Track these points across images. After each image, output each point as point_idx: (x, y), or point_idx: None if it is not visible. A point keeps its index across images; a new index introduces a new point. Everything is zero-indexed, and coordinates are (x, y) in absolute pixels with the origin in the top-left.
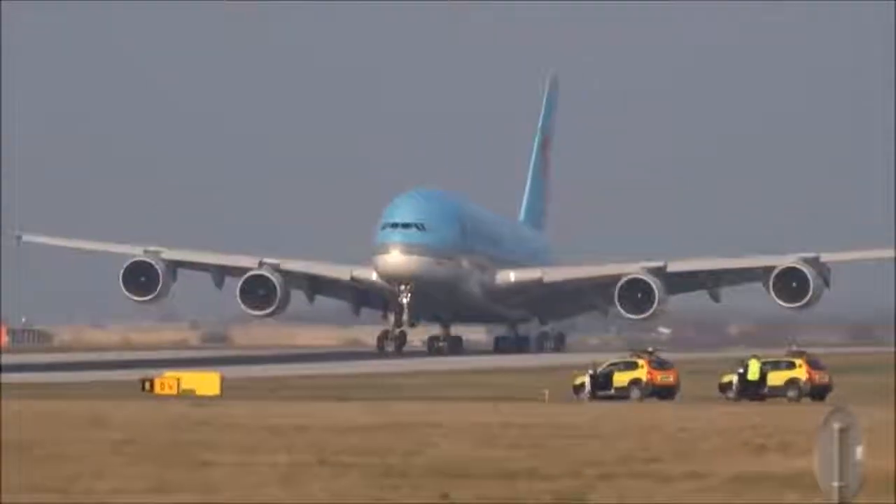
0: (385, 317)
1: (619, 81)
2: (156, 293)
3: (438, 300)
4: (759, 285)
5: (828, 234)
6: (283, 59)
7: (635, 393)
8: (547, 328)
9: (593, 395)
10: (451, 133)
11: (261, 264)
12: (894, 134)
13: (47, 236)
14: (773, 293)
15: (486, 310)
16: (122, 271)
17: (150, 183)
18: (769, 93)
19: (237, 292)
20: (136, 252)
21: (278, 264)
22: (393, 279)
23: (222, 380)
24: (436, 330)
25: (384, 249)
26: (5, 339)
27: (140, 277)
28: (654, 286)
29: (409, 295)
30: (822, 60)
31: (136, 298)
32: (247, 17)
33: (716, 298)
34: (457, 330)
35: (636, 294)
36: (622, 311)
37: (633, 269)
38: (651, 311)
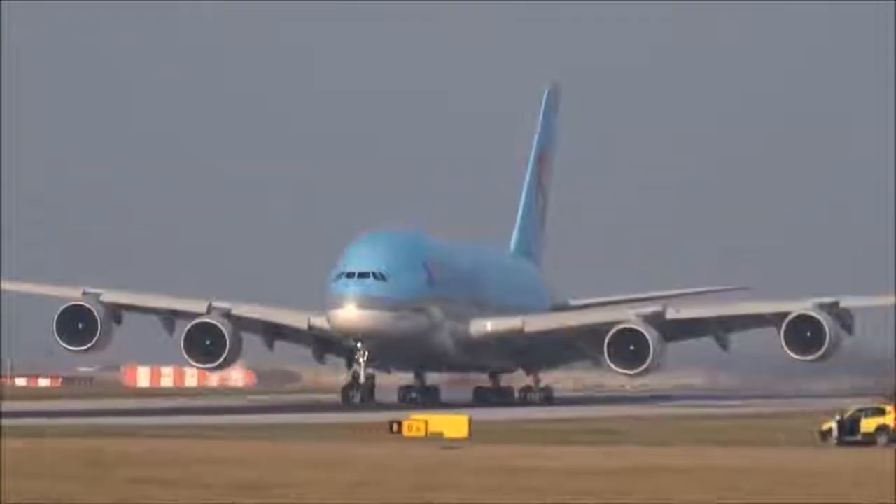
0: (349, 366)
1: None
2: (93, 342)
3: (404, 354)
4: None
5: (851, 276)
6: (238, 91)
7: (882, 439)
8: (531, 382)
9: (840, 441)
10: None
11: (210, 309)
12: None
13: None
14: (784, 343)
15: (460, 362)
16: (55, 317)
17: (96, 217)
18: (781, 113)
19: (181, 342)
20: (74, 295)
21: (229, 309)
22: (348, 335)
23: (470, 423)
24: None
25: (338, 302)
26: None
27: (77, 324)
28: (648, 338)
29: (367, 353)
30: (846, 82)
31: (70, 348)
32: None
33: (724, 346)
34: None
35: (628, 346)
36: (611, 364)
37: (626, 316)
38: (644, 366)
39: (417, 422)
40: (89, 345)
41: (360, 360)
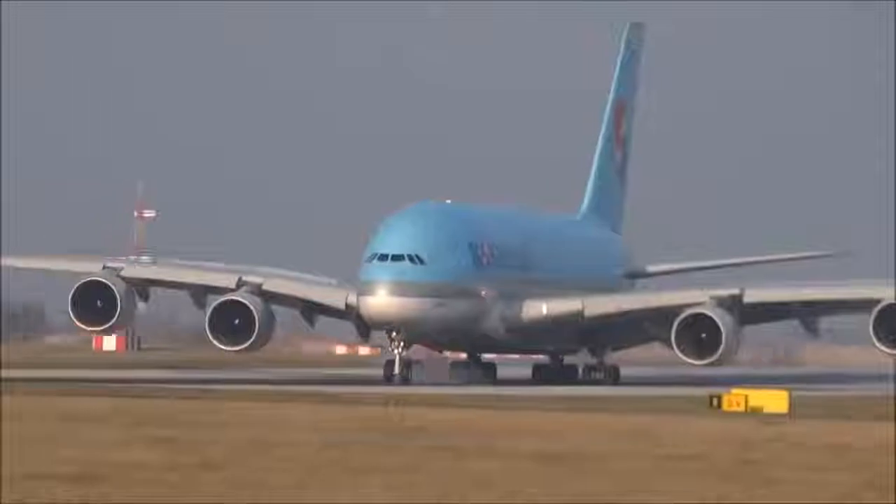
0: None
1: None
2: (113, 321)
3: (447, 340)
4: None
5: None
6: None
7: None
8: (594, 361)
9: None
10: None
11: (240, 283)
12: None
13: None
14: (872, 334)
15: (513, 345)
16: (70, 294)
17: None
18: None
19: (206, 323)
20: (94, 269)
21: (260, 284)
22: (380, 325)
23: (790, 397)
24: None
25: (369, 289)
26: None
27: (96, 301)
28: (721, 326)
29: (403, 344)
30: None
31: (88, 328)
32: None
33: (814, 331)
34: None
35: (699, 333)
36: (679, 353)
37: (698, 298)
38: (715, 356)
39: (738, 396)
40: (109, 324)
41: (395, 350)
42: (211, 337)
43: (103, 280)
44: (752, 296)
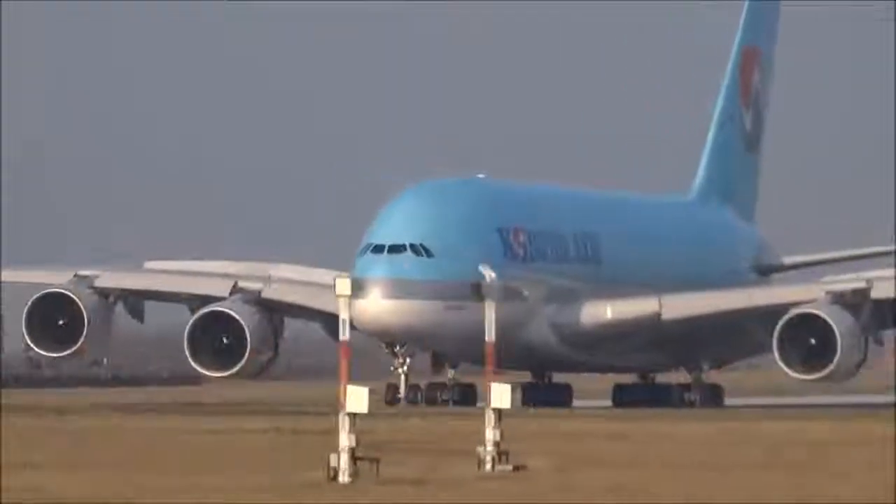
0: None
1: None
2: (76, 345)
3: (477, 356)
4: None
5: None
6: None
7: None
8: (688, 379)
9: None
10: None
11: (235, 289)
12: None
13: None
14: None
15: (575, 360)
16: (25, 310)
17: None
18: None
19: (184, 342)
20: (60, 280)
21: (259, 290)
22: (375, 335)
23: None
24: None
25: (360, 289)
26: None
27: (57, 318)
28: (836, 329)
29: (407, 361)
30: None
31: (45, 354)
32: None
33: None
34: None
35: (807, 338)
36: (782, 364)
37: (810, 293)
38: (829, 369)
39: None
40: (71, 349)
41: (400, 370)
42: (191, 359)
43: (64, 292)
44: (884, 289)
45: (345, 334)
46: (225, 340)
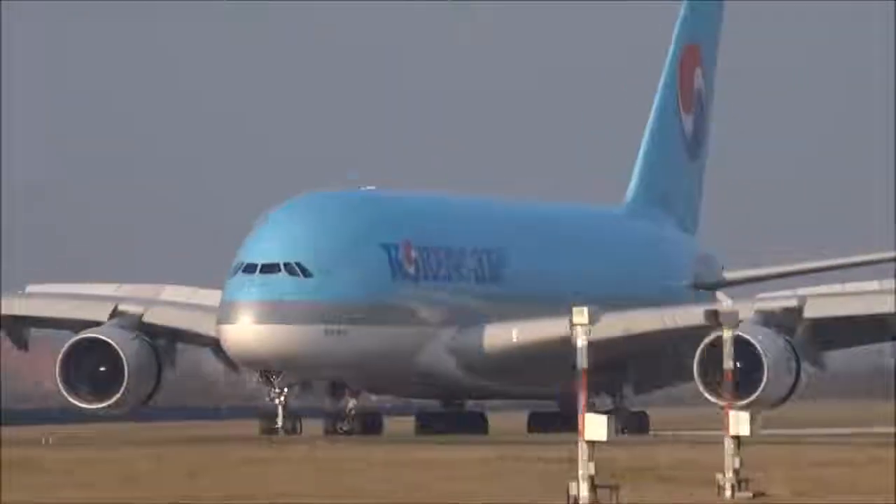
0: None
1: None
2: (119, 394)
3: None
4: None
5: None
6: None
7: None
8: (609, 405)
9: None
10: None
11: (115, 313)
12: None
13: None
14: None
15: (484, 387)
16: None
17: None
18: None
19: (56, 372)
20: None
21: (141, 314)
22: (247, 365)
23: None
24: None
25: (227, 314)
26: None
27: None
28: (761, 351)
29: (284, 392)
30: None
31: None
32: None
33: None
34: None
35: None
36: (703, 390)
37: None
38: (753, 395)
39: None
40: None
41: (277, 400)
42: (63, 390)
43: (102, 337)
44: (819, 308)
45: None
46: (102, 369)
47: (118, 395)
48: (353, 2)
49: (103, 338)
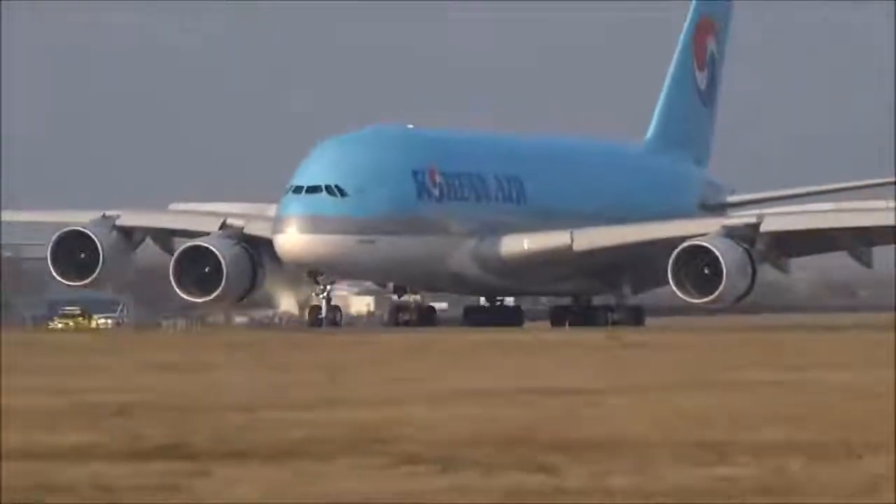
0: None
1: None
2: (93, 275)
3: (408, 283)
4: None
5: None
6: None
7: None
8: (611, 301)
9: None
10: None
11: (223, 227)
12: None
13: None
14: None
15: (504, 287)
16: (49, 246)
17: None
18: None
19: (170, 272)
20: (84, 220)
21: (241, 227)
22: (296, 267)
23: None
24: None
25: (279, 225)
26: None
27: (79, 253)
28: (721, 259)
29: (327, 289)
30: None
31: (67, 282)
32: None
33: (865, 263)
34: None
35: (701, 267)
36: (677, 290)
37: (708, 228)
38: (715, 293)
39: None
40: (88, 278)
41: (321, 296)
42: (175, 287)
43: (84, 230)
44: (773, 224)
45: None
46: (206, 270)
47: (218, 292)
48: None
49: (206, 245)
